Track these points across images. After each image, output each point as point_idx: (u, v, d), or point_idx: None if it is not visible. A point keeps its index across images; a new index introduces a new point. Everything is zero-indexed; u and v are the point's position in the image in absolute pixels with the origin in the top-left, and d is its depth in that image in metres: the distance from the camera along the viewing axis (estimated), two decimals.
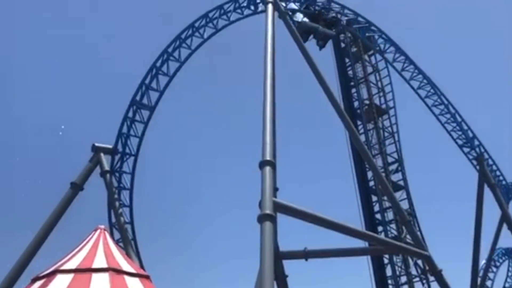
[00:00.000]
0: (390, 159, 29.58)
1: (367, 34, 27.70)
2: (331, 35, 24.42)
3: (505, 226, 30.78)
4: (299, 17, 24.24)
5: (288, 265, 17.62)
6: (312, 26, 24.02)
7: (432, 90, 29.00)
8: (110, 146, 23.44)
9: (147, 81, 24.35)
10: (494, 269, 40.11)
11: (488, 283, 37.57)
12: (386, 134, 30.31)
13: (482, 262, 33.55)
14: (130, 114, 24.61)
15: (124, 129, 24.44)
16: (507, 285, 41.50)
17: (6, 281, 17.46)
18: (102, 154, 22.53)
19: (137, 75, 25.01)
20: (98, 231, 11.96)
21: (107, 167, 22.49)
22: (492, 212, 31.43)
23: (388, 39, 27.92)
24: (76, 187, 20.85)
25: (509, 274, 42.32)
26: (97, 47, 53.87)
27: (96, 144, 22.68)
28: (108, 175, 22.32)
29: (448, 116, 31.99)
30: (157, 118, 25.72)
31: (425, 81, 28.48)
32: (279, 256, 15.89)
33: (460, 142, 32.57)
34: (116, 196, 23.00)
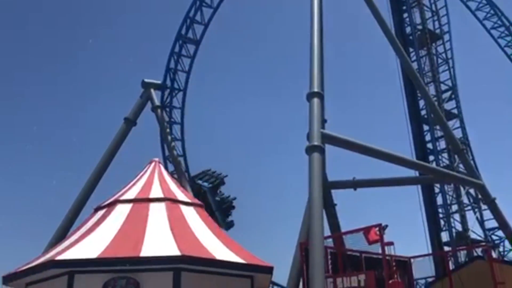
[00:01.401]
0: (443, 87, 28.43)
1: None
2: None
3: None
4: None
5: (337, 195, 17.89)
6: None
7: (491, 11, 26.99)
8: (159, 82, 23.85)
9: (191, 14, 24.11)
10: None
11: None
12: (439, 60, 28.94)
13: None
14: (177, 49, 24.69)
15: (172, 64, 24.66)
16: None
17: (71, 211, 18.83)
18: (152, 90, 23.00)
19: (182, 8, 24.80)
20: (153, 163, 12.50)
21: (157, 102, 23.02)
22: None
23: None
24: (129, 122, 21.59)
25: None
26: None
27: (146, 80, 23.12)
28: (159, 110, 22.90)
29: (508, 38, 29.92)
30: (203, 53, 25.73)
31: (484, 1, 26.47)
32: (328, 186, 16.10)
33: None
34: (168, 130, 23.70)
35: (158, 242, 9.07)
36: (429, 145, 27.04)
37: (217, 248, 9.48)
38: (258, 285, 10.62)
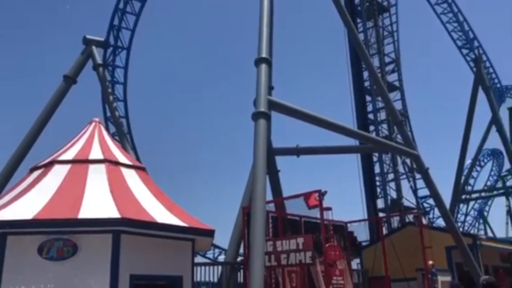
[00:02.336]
0: (387, 59, 29.22)
1: None
2: None
3: (493, 128, 31.47)
4: None
5: (281, 161, 18.17)
6: None
7: None
8: (102, 39, 22.82)
9: None
10: (479, 169, 41.72)
11: (471, 181, 39.30)
12: (385, 33, 29.62)
13: (468, 162, 34.79)
14: (121, 5, 23.65)
15: (116, 21, 23.65)
16: (488, 183, 43.45)
17: (5, 171, 17.96)
18: (94, 47, 21.97)
19: None
20: (93, 124, 12.02)
21: (99, 60, 22.07)
22: (482, 114, 31.95)
23: None
24: (69, 80, 20.61)
25: (492, 173, 44.15)
26: None
27: (88, 36, 22.02)
28: (101, 69, 21.98)
29: (450, 15, 31.04)
30: (149, 11, 24.85)
31: None
32: (272, 152, 16.30)
33: (459, 43, 32.02)
34: (110, 90, 22.91)
35: (97, 204, 8.85)
36: (371, 116, 27.95)
37: (158, 211, 9.40)
38: (199, 247, 10.73)
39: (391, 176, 27.04)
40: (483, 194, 40.60)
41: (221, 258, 26.96)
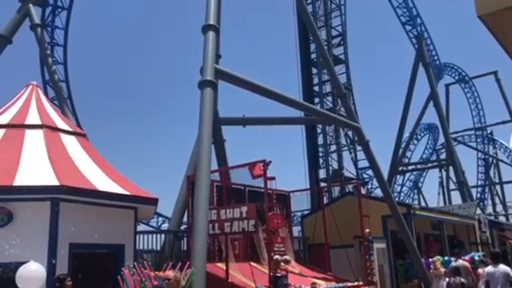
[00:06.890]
0: (334, 32, 29.56)
1: None
2: None
3: (431, 104, 32.94)
4: None
5: (227, 131, 18.16)
6: None
7: None
8: None
9: None
10: (415, 142, 43.81)
11: (408, 154, 41.26)
12: (333, 6, 29.86)
13: (406, 135, 36.37)
14: None
15: None
16: (424, 156, 45.78)
17: None
18: (31, 5, 20.67)
19: None
20: (30, 87, 11.41)
21: (37, 20, 20.82)
22: (421, 90, 33.30)
23: None
24: (3, 39, 19.35)
25: (427, 146, 46.50)
26: None
27: None
28: (39, 29, 20.77)
29: None
30: None
31: None
32: (218, 122, 16.22)
33: (403, 19, 32.92)
34: (48, 52, 21.77)
35: (35, 170, 8.52)
36: (316, 88, 28.37)
37: (99, 178, 9.18)
38: (142, 216, 10.64)
39: (333, 147, 27.80)
40: (418, 166, 42.75)
41: (165, 226, 26.90)
